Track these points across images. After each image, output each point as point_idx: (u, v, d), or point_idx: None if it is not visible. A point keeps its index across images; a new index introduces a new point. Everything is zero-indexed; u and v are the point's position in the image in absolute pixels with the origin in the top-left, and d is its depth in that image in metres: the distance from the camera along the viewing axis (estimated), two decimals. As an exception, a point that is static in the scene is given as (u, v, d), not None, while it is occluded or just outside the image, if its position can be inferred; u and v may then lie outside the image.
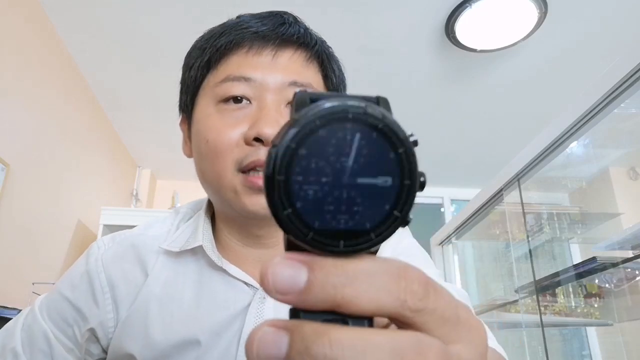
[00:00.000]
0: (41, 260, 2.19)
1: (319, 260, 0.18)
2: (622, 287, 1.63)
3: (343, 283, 0.18)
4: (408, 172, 0.18)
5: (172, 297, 0.57)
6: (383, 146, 0.18)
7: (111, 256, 0.60)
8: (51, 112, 2.22)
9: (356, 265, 0.18)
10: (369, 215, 0.18)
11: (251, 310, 0.55)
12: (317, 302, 0.18)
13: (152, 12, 2.07)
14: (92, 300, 0.58)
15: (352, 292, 0.18)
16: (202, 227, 0.59)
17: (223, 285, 0.57)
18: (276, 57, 0.55)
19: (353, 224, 0.18)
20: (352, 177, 0.18)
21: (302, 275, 0.18)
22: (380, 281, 0.18)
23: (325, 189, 0.18)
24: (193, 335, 0.54)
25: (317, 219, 0.18)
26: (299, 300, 0.18)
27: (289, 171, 0.18)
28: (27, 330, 0.59)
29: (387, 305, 0.18)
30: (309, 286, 0.18)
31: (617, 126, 1.60)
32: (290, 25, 0.57)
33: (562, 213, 2.01)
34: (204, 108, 0.56)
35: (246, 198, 0.52)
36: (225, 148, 0.52)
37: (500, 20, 2.05)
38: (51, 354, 0.57)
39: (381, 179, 0.18)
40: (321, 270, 0.18)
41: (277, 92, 0.54)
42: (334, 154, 0.18)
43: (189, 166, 0.61)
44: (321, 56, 0.59)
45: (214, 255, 0.57)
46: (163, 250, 0.59)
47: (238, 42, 0.55)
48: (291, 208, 0.18)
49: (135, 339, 0.55)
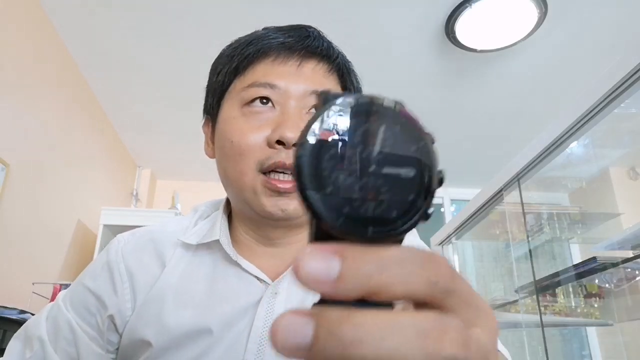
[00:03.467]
0: (41, 260, 2.19)
1: (350, 249, 0.19)
2: (622, 287, 1.63)
3: (376, 270, 0.18)
4: (428, 165, 0.19)
5: (187, 287, 0.59)
6: (407, 138, 0.19)
7: (131, 248, 0.63)
8: (51, 112, 2.22)
9: (387, 252, 0.19)
10: (394, 204, 0.19)
11: (262, 305, 0.57)
12: (351, 290, 0.18)
13: (152, 12, 2.07)
14: (111, 288, 0.60)
15: (385, 279, 0.18)
16: (219, 224, 0.62)
17: (236, 278, 0.59)
18: (300, 67, 0.59)
19: (380, 211, 0.19)
20: (378, 166, 0.19)
21: (335, 264, 0.18)
22: (412, 266, 0.19)
23: (353, 176, 0.19)
24: (205, 324, 0.56)
25: (346, 204, 0.19)
26: (333, 289, 0.18)
27: (319, 159, 0.19)
28: (52, 321, 0.61)
29: (420, 288, 0.19)
30: (343, 275, 0.18)
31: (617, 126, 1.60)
32: (314, 39, 0.61)
33: (562, 213, 2.01)
34: (230, 111, 0.59)
35: (265, 199, 0.55)
36: (249, 149, 0.56)
37: (500, 20, 2.05)
38: (75, 342, 0.60)
39: (404, 170, 0.19)
40: (353, 258, 0.18)
41: (300, 99, 0.57)
42: (362, 143, 0.19)
43: (189, 166, 0.62)
44: (342, 69, 0.63)
45: (229, 249, 0.60)
46: (181, 243, 0.62)
47: (265, 51, 0.59)
48: (322, 193, 0.19)
49: (149, 325, 0.58)
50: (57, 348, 0.59)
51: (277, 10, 2.04)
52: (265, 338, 0.55)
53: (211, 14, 2.06)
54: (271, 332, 0.18)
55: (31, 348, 0.60)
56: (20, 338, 0.62)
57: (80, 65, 2.43)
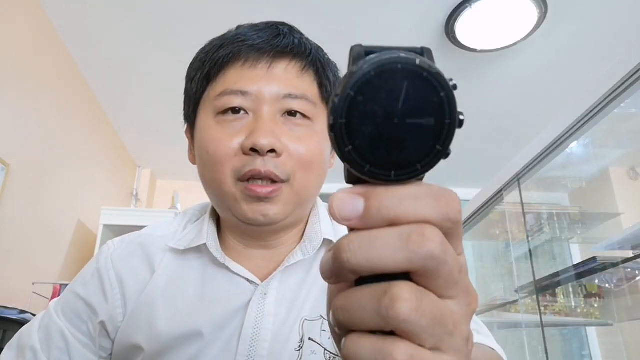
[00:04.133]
0: (41, 260, 2.19)
1: (373, 190, 0.22)
2: (622, 287, 1.63)
3: (395, 204, 0.22)
4: (449, 112, 0.21)
5: (177, 292, 0.59)
6: (427, 91, 0.21)
7: (120, 254, 0.63)
8: (51, 112, 2.22)
9: (404, 189, 0.22)
10: (415, 150, 0.22)
11: (252, 306, 0.57)
12: (375, 222, 0.22)
13: (152, 12, 2.07)
14: (102, 295, 0.61)
15: (403, 210, 0.22)
16: (207, 227, 0.62)
17: (225, 281, 0.59)
18: (271, 69, 0.57)
19: (403, 157, 0.22)
20: (402, 118, 0.21)
21: (360, 203, 0.22)
22: (426, 200, 0.22)
23: (379, 129, 0.21)
24: (196, 328, 0.56)
25: (372, 154, 0.22)
26: (360, 222, 0.22)
27: (349, 115, 0.21)
28: (44, 330, 0.61)
29: (433, 217, 0.22)
30: (367, 210, 0.22)
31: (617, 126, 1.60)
32: (284, 37, 0.59)
33: (562, 213, 2.01)
34: (205, 119, 0.59)
35: (246, 206, 0.55)
36: (224, 158, 0.55)
37: (500, 20, 2.05)
38: (68, 350, 0.60)
39: (426, 119, 0.21)
40: (375, 196, 0.22)
41: (273, 103, 0.56)
42: (386, 99, 0.21)
43: (189, 166, 0.62)
44: (316, 64, 0.61)
45: (217, 253, 0.59)
46: (169, 248, 0.62)
47: (235, 55, 0.58)
48: (351, 145, 0.21)
49: (141, 330, 0.58)
50: (50, 357, 0.59)
51: (277, 11, 2.04)
52: (255, 339, 0.55)
53: (212, 15, 2.06)
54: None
55: (23, 358, 0.60)
56: (13, 348, 0.62)
57: (80, 65, 2.43)
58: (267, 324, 0.56)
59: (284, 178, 0.54)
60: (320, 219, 0.64)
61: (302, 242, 0.62)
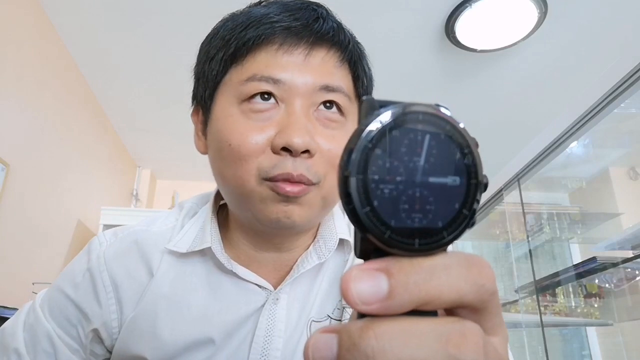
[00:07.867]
0: (41, 260, 2.19)
1: (396, 263, 0.18)
2: (622, 287, 1.63)
3: (425, 279, 0.18)
4: (474, 172, 0.19)
5: (181, 298, 0.55)
6: (451, 147, 0.19)
7: (113, 253, 0.58)
8: (51, 112, 2.22)
9: (432, 261, 0.19)
10: (441, 214, 0.19)
11: (264, 312, 0.54)
12: (402, 304, 0.18)
13: (153, 12, 2.07)
14: (94, 300, 0.56)
15: (435, 287, 0.18)
16: (210, 227, 0.56)
17: (233, 287, 0.55)
18: (309, 57, 0.50)
19: (427, 222, 0.19)
20: (424, 176, 0.19)
21: (383, 282, 0.18)
22: (457, 271, 0.19)
23: (400, 187, 0.19)
24: (206, 335, 0.53)
25: (393, 217, 0.18)
26: (385, 307, 0.18)
27: (366, 170, 0.18)
28: (30, 331, 0.57)
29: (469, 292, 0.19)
30: (392, 291, 0.18)
31: (617, 126, 1.60)
32: (324, 21, 0.52)
33: (562, 213, 2.01)
34: (226, 107, 0.51)
35: (272, 206, 0.49)
36: (250, 154, 0.48)
37: (500, 20, 2.05)
38: (55, 355, 0.56)
39: (451, 179, 0.19)
40: (400, 272, 0.18)
41: (307, 96, 0.49)
42: (407, 154, 0.19)
43: (189, 166, 0.60)
44: (354, 55, 0.54)
45: (223, 258, 0.54)
46: (168, 250, 0.57)
47: (267, 38, 0.50)
48: (369, 206, 0.18)
49: (142, 340, 0.54)
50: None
51: (277, 10, 2.04)
52: (267, 346, 0.53)
53: (212, 15, 2.06)
54: (304, 352, 0.19)
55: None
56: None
57: (80, 65, 2.43)
58: (278, 331, 0.53)
59: (315, 181, 0.48)
60: (334, 216, 0.58)
61: (315, 243, 0.56)
